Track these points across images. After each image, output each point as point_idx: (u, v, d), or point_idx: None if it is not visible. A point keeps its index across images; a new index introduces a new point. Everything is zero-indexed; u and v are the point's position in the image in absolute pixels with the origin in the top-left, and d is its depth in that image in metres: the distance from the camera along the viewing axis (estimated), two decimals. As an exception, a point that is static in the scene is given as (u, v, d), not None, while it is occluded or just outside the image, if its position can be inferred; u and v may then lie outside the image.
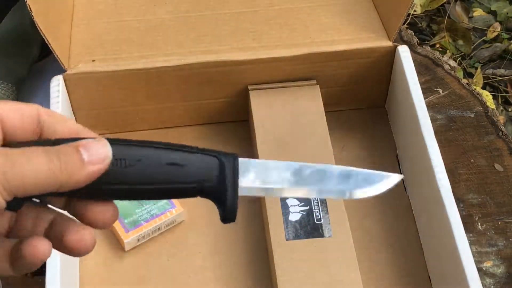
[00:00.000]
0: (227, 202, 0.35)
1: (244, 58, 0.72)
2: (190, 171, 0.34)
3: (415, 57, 0.86)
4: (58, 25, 0.71)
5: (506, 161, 0.78)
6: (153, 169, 0.34)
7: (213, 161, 0.35)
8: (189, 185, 0.35)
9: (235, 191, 0.35)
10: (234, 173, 0.35)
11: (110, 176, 0.33)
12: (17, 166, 0.31)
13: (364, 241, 0.69)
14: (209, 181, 0.35)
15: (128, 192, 0.34)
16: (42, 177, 0.31)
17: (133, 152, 0.34)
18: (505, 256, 0.71)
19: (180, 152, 0.35)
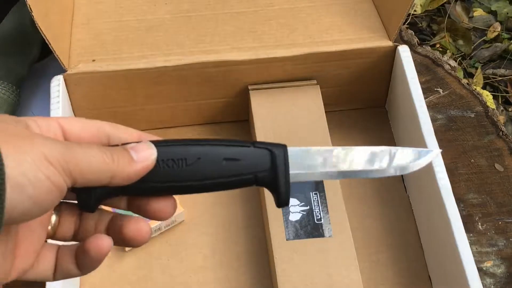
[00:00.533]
0: (280, 189, 0.38)
1: (244, 58, 0.72)
2: (245, 164, 0.38)
3: (415, 57, 0.86)
4: (58, 25, 0.71)
5: (506, 161, 0.78)
6: (211, 165, 0.38)
7: (265, 153, 0.39)
8: (245, 177, 0.38)
9: (287, 178, 0.39)
10: (285, 162, 0.39)
11: (173, 175, 0.37)
12: (74, 152, 0.34)
13: (364, 241, 0.69)
14: (263, 172, 0.38)
15: (189, 188, 0.38)
16: (96, 165, 0.35)
17: (192, 151, 0.37)
18: (505, 256, 0.71)
19: (235, 147, 0.38)
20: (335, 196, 0.66)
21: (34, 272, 0.38)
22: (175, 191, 0.38)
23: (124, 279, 0.67)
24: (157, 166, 0.37)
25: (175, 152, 0.37)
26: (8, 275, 0.36)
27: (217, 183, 0.38)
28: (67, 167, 0.33)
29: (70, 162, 0.33)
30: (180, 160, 0.37)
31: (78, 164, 0.34)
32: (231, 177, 0.38)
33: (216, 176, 0.37)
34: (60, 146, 0.34)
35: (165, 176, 0.37)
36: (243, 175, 0.38)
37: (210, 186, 0.38)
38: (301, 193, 0.66)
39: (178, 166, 0.37)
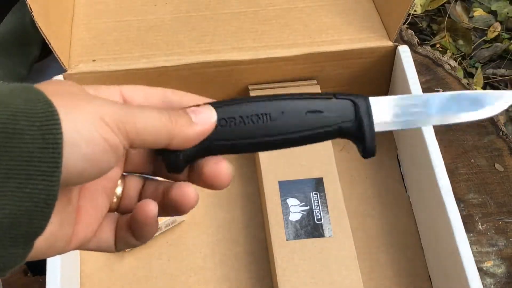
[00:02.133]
0: (366, 140, 0.39)
1: (244, 58, 0.72)
2: (329, 116, 0.38)
3: (415, 57, 0.86)
4: (59, 25, 0.71)
5: (506, 161, 0.78)
6: (296, 119, 0.37)
7: (348, 104, 0.38)
8: (329, 129, 0.38)
9: (371, 128, 0.39)
10: (368, 112, 0.38)
11: (259, 129, 0.37)
12: (131, 113, 0.33)
13: (364, 241, 0.69)
14: (347, 123, 0.38)
15: (275, 142, 0.38)
16: (153, 126, 0.34)
17: (276, 106, 0.38)
18: (505, 256, 0.71)
19: (317, 100, 0.38)
20: (335, 196, 0.66)
21: (96, 241, 0.37)
22: (261, 146, 0.38)
23: (124, 279, 0.67)
24: (242, 122, 0.37)
25: (259, 107, 0.37)
26: (68, 242, 0.35)
27: (302, 136, 0.38)
28: (123, 128, 0.33)
29: (127, 122, 0.33)
30: (265, 115, 0.37)
31: (135, 125, 0.33)
32: (315, 129, 0.38)
33: (301, 129, 0.37)
34: (117, 107, 0.33)
35: (251, 131, 0.37)
36: (327, 126, 0.38)
37: (295, 140, 0.38)
38: (301, 193, 0.66)
39: (263, 121, 0.37)
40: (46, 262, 0.60)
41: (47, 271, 0.59)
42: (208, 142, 0.37)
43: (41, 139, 0.30)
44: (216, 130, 0.37)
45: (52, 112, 0.30)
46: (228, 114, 0.37)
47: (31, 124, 0.29)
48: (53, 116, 0.30)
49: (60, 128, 0.30)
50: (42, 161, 0.29)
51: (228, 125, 0.37)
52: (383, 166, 0.76)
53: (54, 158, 0.30)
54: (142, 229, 0.37)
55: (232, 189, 0.74)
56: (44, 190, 0.30)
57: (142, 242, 0.38)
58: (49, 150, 0.30)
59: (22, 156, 0.29)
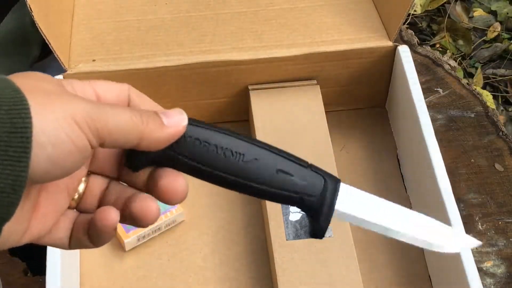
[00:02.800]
0: (320, 219, 0.38)
1: (244, 58, 0.72)
2: (297, 183, 0.37)
3: (415, 57, 0.86)
4: (59, 25, 0.71)
5: (506, 161, 0.78)
6: (265, 171, 0.37)
7: (319, 179, 0.38)
8: (293, 195, 0.37)
9: (330, 212, 0.38)
10: (334, 195, 0.38)
11: (228, 165, 0.36)
12: (103, 111, 0.33)
13: (364, 241, 0.69)
14: (311, 197, 0.38)
15: (235, 183, 0.37)
16: (125, 125, 0.34)
17: (252, 150, 0.37)
18: (505, 256, 0.71)
19: (293, 163, 0.38)
20: (335, 196, 0.66)
21: (51, 237, 0.37)
22: (221, 181, 0.37)
23: (124, 279, 0.67)
24: (215, 151, 0.36)
25: (236, 144, 0.37)
26: (21, 237, 0.35)
27: (264, 190, 0.37)
28: (94, 126, 0.32)
29: (99, 121, 0.32)
30: (239, 154, 0.37)
31: (107, 124, 0.33)
32: (279, 189, 0.37)
33: (266, 182, 0.37)
34: (89, 105, 0.33)
35: (218, 163, 0.36)
36: (292, 192, 0.37)
37: (257, 190, 0.37)
38: (301, 193, 0.66)
39: (235, 159, 0.37)
40: (46, 262, 0.60)
41: (47, 271, 0.59)
42: (173, 153, 0.36)
43: (9, 123, 0.29)
44: (186, 146, 0.36)
45: (21, 98, 0.30)
46: (204, 137, 0.37)
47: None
48: (21, 101, 0.30)
49: (29, 113, 0.30)
50: (9, 146, 0.29)
51: (200, 147, 0.36)
52: (383, 166, 0.76)
53: (23, 143, 0.29)
54: (99, 235, 0.36)
55: (232, 189, 0.74)
56: (11, 176, 0.29)
57: (97, 246, 0.38)
58: (17, 135, 0.29)
59: None
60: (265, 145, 0.38)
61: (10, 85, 0.30)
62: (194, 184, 0.38)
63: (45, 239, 0.37)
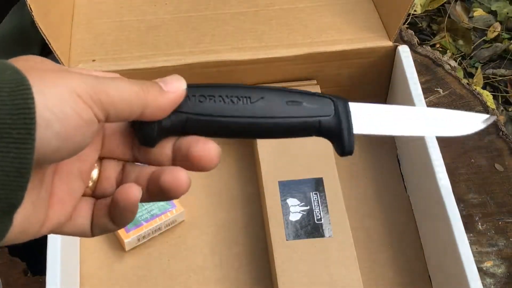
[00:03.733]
0: (344, 136, 0.38)
1: (244, 58, 0.72)
2: (308, 108, 0.38)
3: (415, 57, 0.86)
4: (59, 25, 0.71)
5: (506, 161, 0.78)
6: (274, 105, 0.37)
7: (327, 101, 0.38)
8: (309, 120, 0.38)
9: (350, 125, 0.38)
10: (346, 111, 0.38)
11: (237, 110, 0.37)
12: (105, 83, 0.33)
13: (364, 241, 0.69)
14: (326, 117, 0.38)
15: (253, 126, 0.37)
16: (127, 95, 0.34)
17: (256, 92, 0.38)
18: (505, 256, 0.71)
19: (298, 93, 0.38)
20: (335, 196, 0.66)
21: (72, 225, 0.36)
22: (239, 129, 0.38)
23: (124, 279, 0.67)
24: (222, 101, 0.37)
25: (239, 90, 0.37)
26: (41, 226, 0.34)
27: (279, 124, 0.37)
28: (97, 99, 0.32)
29: (100, 92, 0.32)
30: (244, 97, 0.37)
31: (109, 94, 0.33)
32: (294, 118, 0.37)
33: (278, 115, 0.37)
34: (90, 78, 0.33)
35: (229, 110, 0.37)
36: (307, 117, 0.38)
37: (275, 126, 0.37)
38: (301, 193, 0.66)
39: (243, 103, 0.37)
40: (46, 262, 0.60)
41: (47, 271, 0.59)
42: (185, 116, 0.37)
43: (11, 105, 0.29)
44: (194, 104, 0.37)
45: (22, 79, 0.29)
46: (207, 92, 0.37)
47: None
48: (22, 82, 0.29)
49: (31, 93, 0.29)
50: (13, 128, 0.28)
51: (207, 101, 0.37)
52: (383, 166, 0.76)
53: (26, 124, 0.29)
54: (122, 214, 0.36)
55: (232, 189, 0.74)
56: (17, 159, 0.29)
57: (120, 227, 0.37)
58: (20, 116, 0.29)
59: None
60: (267, 87, 0.38)
61: (9, 67, 0.30)
62: (194, 184, 0.38)
63: (66, 228, 0.36)
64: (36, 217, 0.34)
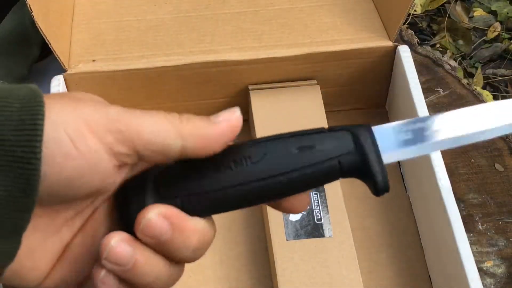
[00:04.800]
0: (374, 171, 0.32)
1: (244, 58, 0.72)
2: (323, 150, 0.31)
3: (415, 57, 0.86)
4: (59, 25, 0.71)
5: (506, 161, 0.78)
6: (282, 158, 0.31)
7: (344, 134, 0.32)
8: (326, 164, 0.31)
9: (379, 158, 0.32)
10: (372, 140, 0.32)
11: (238, 176, 0.31)
12: (128, 112, 0.29)
13: (364, 241, 0.69)
14: (347, 154, 0.32)
15: (261, 190, 0.31)
16: (160, 128, 0.29)
17: (257, 148, 0.32)
18: (505, 256, 0.71)
19: (307, 135, 0.32)
20: (335, 196, 0.66)
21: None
22: (242, 198, 0.32)
23: (124, 279, 0.67)
24: (215, 170, 0.31)
25: (234, 151, 0.31)
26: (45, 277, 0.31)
27: (295, 178, 0.31)
28: (116, 128, 0.28)
29: (122, 122, 0.28)
30: (243, 158, 0.31)
31: (133, 124, 0.29)
32: (307, 167, 0.31)
33: (288, 169, 0.31)
34: (114, 109, 0.29)
35: (227, 179, 0.31)
36: (325, 161, 0.31)
37: (287, 184, 0.31)
38: (301, 193, 0.66)
39: (243, 166, 0.31)
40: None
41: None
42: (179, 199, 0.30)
43: (18, 120, 0.27)
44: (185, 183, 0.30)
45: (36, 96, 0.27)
46: (196, 165, 0.31)
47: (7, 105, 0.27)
48: (36, 98, 0.27)
49: (43, 110, 0.27)
50: (16, 145, 0.26)
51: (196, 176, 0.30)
52: (383, 166, 0.76)
53: (30, 142, 0.26)
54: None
55: (232, 189, 0.74)
56: (21, 179, 0.26)
57: None
58: (24, 132, 0.26)
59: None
60: (273, 137, 0.33)
61: (28, 86, 0.28)
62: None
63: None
64: (33, 263, 0.30)
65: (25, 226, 0.28)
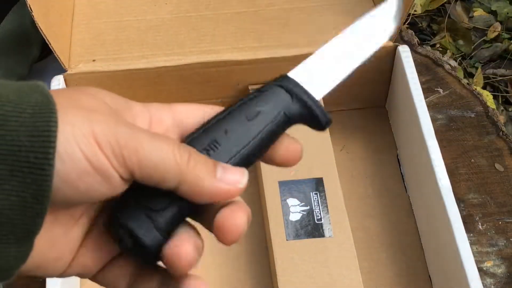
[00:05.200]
0: (316, 112, 0.38)
1: (244, 58, 0.72)
2: (268, 111, 0.35)
3: (415, 57, 0.86)
4: (59, 25, 0.71)
5: (506, 161, 0.78)
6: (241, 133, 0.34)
7: (278, 89, 0.37)
8: (275, 122, 0.36)
9: (313, 99, 0.37)
10: (300, 87, 0.37)
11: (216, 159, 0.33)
12: (136, 136, 0.29)
13: (364, 241, 0.69)
14: (289, 106, 0.37)
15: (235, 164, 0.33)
16: (161, 159, 0.29)
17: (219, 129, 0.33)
18: (505, 256, 0.71)
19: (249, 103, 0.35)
20: (335, 196, 0.66)
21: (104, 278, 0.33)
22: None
23: (124, 279, 0.67)
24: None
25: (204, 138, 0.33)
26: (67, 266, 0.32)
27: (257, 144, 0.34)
28: (119, 152, 0.29)
29: (126, 147, 0.29)
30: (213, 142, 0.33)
31: (136, 152, 0.29)
32: (264, 131, 0.35)
33: (250, 139, 0.34)
34: (122, 128, 0.29)
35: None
36: (273, 121, 0.35)
37: (252, 152, 0.34)
38: (301, 193, 0.66)
39: (214, 151, 0.32)
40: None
41: (47, 271, 0.59)
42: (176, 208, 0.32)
43: (32, 126, 0.27)
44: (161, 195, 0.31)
45: (48, 102, 0.28)
46: None
47: (21, 110, 0.27)
48: (49, 105, 0.27)
49: (56, 117, 0.27)
50: (30, 151, 0.27)
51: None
52: (383, 166, 0.76)
53: (44, 148, 0.27)
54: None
55: (232, 189, 0.74)
56: (33, 185, 0.27)
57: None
58: (39, 139, 0.27)
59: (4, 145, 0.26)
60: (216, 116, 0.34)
61: (39, 90, 0.28)
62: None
63: (100, 278, 0.33)
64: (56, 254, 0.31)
65: (37, 231, 0.28)
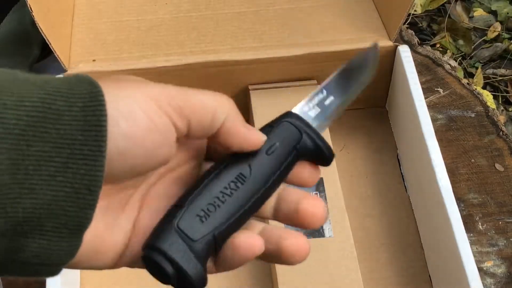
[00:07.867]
0: (322, 148, 0.37)
1: (244, 58, 0.72)
2: (283, 145, 0.36)
3: (415, 57, 0.86)
4: (59, 25, 0.71)
5: (506, 161, 0.78)
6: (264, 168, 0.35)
7: (287, 125, 0.37)
8: (289, 156, 0.36)
9: (319, 135, 0.37)
10: (305, 123, 0.38)
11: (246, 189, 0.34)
12: (184, 90, 0.32)
13: (364, 241, 0.69)
14: (300, 142, 0.36)
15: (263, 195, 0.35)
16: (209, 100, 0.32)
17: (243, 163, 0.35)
18: (505, 256, 0.71)
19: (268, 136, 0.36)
20: (335, 196, 0.66)
21: None
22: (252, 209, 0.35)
23: (124, 279, 0.67)
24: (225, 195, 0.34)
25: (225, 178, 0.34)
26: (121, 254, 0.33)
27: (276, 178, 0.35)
28: (175, 103, 0.31)
29: (181, 99, 0.31)
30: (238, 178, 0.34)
31: (190, 100, 0.32)
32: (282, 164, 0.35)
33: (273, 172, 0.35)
34: (171, 87, 0.32)
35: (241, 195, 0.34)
36: (287, 155, 0.36)
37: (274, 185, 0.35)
38: (301, 193, 0.66)
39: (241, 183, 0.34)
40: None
41: (47, 271, 0.59)
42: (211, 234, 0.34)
43: (83, 120, 0.28)
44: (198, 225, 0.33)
45: (97, 93, 0.28)
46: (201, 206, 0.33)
47: (71, 104, 0.27)
48: (97, 97, 0.28)
49: (105, 110, 0.28)
50: (84, 144, 0.27)
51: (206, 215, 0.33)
52: (383, 166, 0.76)
53: (97, 141, 0.28)
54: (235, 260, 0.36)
55: (232, 189, 0.74)
56: (86, 176, 0.28)
57: (218, 271, 0.37)
58: (91, 133, 0.28)
59: (59, 139, 0.27)
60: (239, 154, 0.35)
61: (85, 79, 0.29)
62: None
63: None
64: (112, 240, 0.32)
65: (87, 224, 0.29)
